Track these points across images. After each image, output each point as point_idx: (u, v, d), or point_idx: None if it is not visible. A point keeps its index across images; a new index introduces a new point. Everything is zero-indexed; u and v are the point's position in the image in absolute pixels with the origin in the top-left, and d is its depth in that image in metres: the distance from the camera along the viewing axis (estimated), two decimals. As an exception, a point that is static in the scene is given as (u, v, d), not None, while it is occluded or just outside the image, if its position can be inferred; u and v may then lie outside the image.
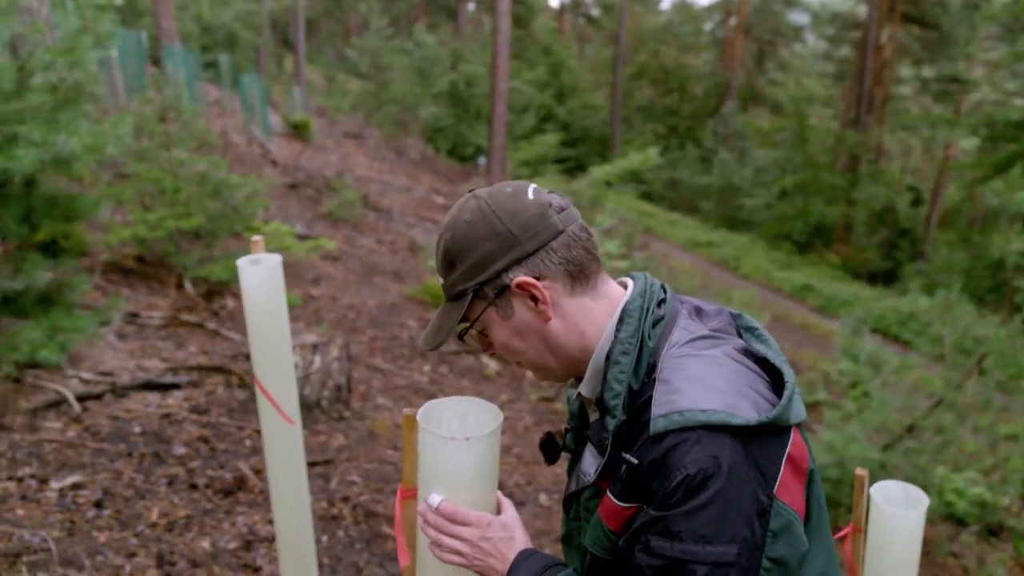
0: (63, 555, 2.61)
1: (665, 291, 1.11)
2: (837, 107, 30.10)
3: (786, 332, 14.93)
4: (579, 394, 1.12)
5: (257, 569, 2.89)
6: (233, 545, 2.99)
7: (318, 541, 3.21)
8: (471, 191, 1.09)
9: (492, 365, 6.93)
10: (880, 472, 5.60)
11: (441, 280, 1.10)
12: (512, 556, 1.09)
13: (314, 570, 2.26)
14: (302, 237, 8.49)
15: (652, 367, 1.01)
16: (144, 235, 6.16)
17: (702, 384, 0.95)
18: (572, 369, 1.11)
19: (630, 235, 11.42)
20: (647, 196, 26.80)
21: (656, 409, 0.94)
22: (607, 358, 1.03)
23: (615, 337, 1.04)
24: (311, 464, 3.83)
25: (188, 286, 6.37)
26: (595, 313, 1.07)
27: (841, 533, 1.66)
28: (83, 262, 6.00)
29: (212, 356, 4.85)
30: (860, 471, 1.60)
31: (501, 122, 17.67)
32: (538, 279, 1.03)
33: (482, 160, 20.83)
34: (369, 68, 23.77)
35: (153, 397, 4.05)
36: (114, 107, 9.56)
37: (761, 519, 0.90)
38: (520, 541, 1.11)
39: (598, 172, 18.63)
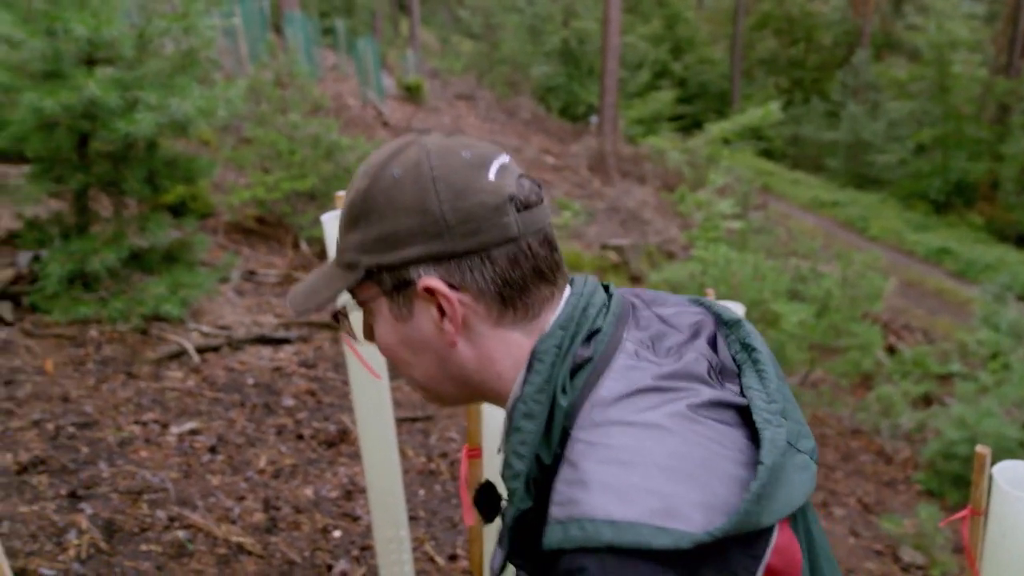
0: (179, 495, 2.78)
1: (609, 309, 0.78)
2: (986, 52, 27.43)
3: (919, 298, 13.96)
4: None
5: (356, 518, 2.98)
6: (334, 494, 3.10)
7: (415, 495, 3.27)
8: (419, 133, 0.83)
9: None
10: (1019, 451, 5.15)
11: (336, 236, 0.82)
12: None
13: (404, 522, 2.30)
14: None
15: (566, 435, 0.70)
16: (263, 196, 6.43)
17: (624, 474, 0.62)
18: (482, 399, 0.84)
19: (745, 194, 10.94)
20: (767, 154, 25.58)
21: (555, 510, 0.64)
22: (509, 415, 0.75)
23: (520, 392, 0.74)
24: (411, 420, 3.91)
25: (303, 245, 6.62)
26: (522, 352, 0.76)
27: (958, 515, 1.50)
28: (208, 223, 6.34)
29: (321, 313, 5.02)
30: (981, 448, 1.43)
31: (613, 79, 17.25)
32: (454, 289, 0.75)
33: (594, 119, 20.46)
34: (481, 28, 23.74)
35: (266, 351, 4.24)
36: (239, 74, 9.99)
37: None
38: None
39: (715, 129, 17.92)
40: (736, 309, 2.46)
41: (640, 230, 11.09)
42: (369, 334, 0.86)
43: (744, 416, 0.71)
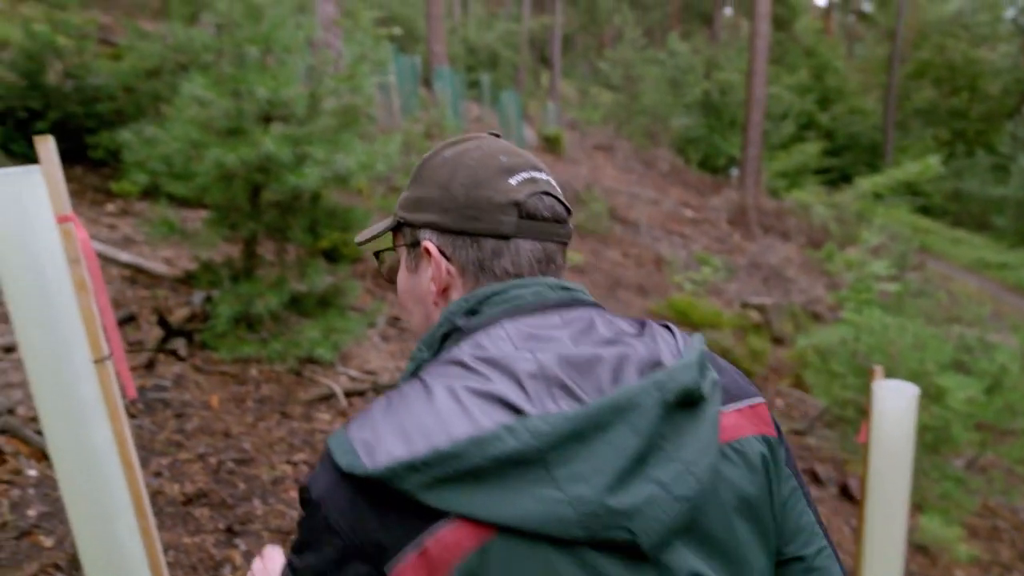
0: (323, 539, 2.86)
1: (516, 303, 0.83)
2: None
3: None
4: None
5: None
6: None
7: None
8: (493, 133, 0.97)
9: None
10: None
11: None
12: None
13: None
14: (549, 248, 8.70)
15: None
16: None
17: (377, 411, 0.73)
18: None
19: (902, 254, 10.24)
20: (925, 210, 23.95)
21: None
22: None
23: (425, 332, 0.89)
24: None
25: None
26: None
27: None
28: (357, 268, 6.66)
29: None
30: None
31: (757, 131, 16.82)
32: (446, 259, 0.88)
33: (734, 171, 20.00)
34: (621, 80, 23.94)
35: (407, 397, 4.34)
36: (392, 126, 10.56)
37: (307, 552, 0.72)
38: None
39: (866, 184, 17.02)
40: (907, 391, 2.25)
41: (783, 288, 10.61)
42: (392, 277, 1.01)
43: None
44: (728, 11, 34.39)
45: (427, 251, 0.88)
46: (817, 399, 6.25)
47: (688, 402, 0.74)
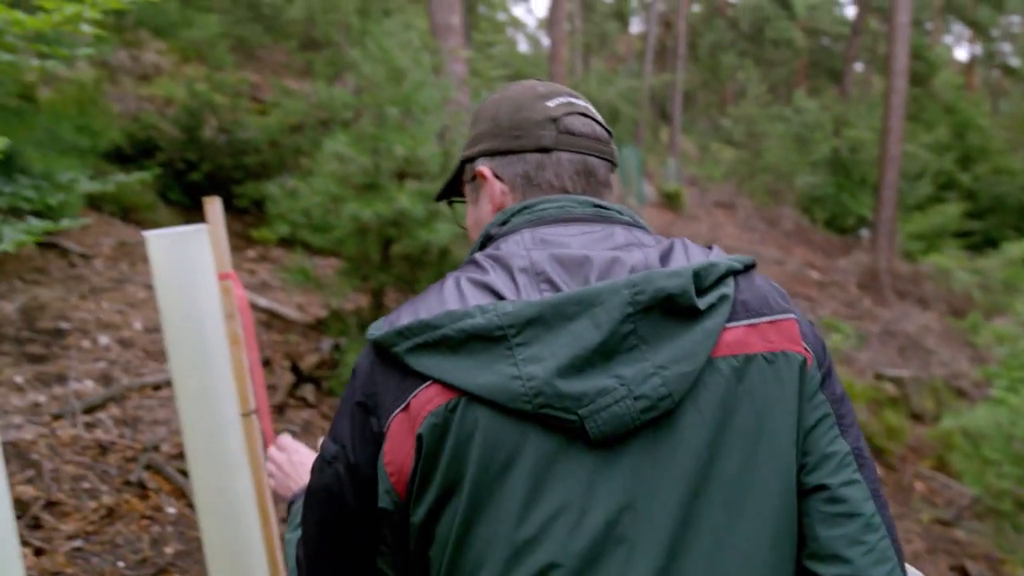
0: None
1: (525, 211, 0.92)
2: None
3: None
4: None
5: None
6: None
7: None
8: (536, 78, 1.06)
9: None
10: None
11: None
12: (302, 480, 1.20)
13: None
14: (668, 307, 8.50)
15: None
16: (527, 298, 6.70)
17: (409, 299, 0.86)
18: None
19: (1062, 328, 9.31)
20: (1083, 278, 21.88)
21: None
22: None
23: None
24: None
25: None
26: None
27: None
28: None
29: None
30: None
31: (891, 191, 16.00)
32: (499, 180, 0.97)
33: (864, 232, 19.06)
34: (743, 136, 23.52)
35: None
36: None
37: (345, 442, 0.81)
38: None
39: (1015, 249, 15.73)
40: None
41: (921, 360, 9.87)
42: (462, 223, 1.09)
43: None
44: (859, 67, 33.29)
45: (482, 175, 0.97)
46: (966, 487, 5.70)
47: (677, 310, 0.76)
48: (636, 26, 40.11)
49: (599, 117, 0.99)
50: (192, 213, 7.17)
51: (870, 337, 10.54)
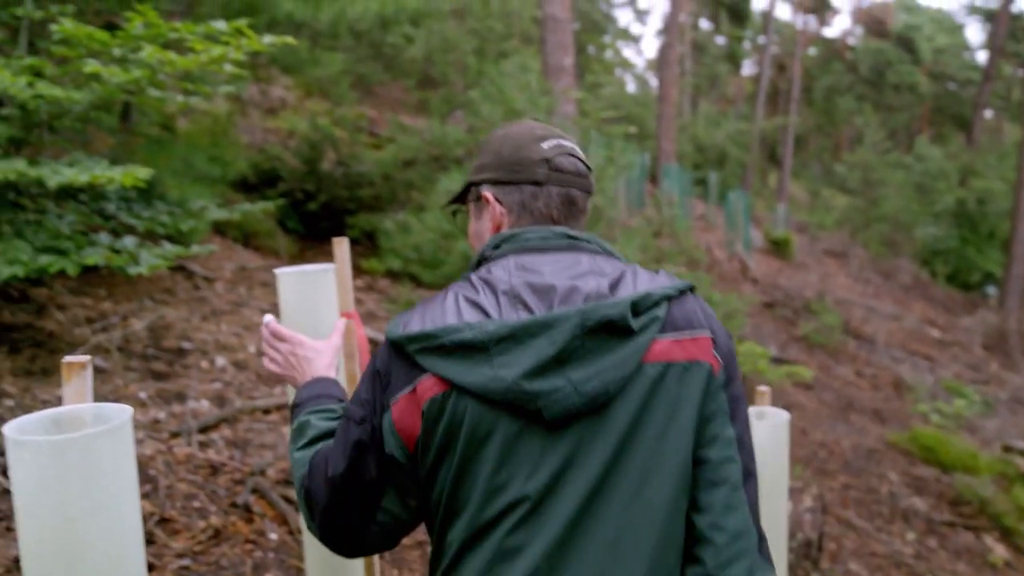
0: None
1: (521, 244, 1.16)
2: None
3: None
4: None
5: None
6: None
7: None
8: (533, 118, 1.38)
9: (999, 550, 5.56)
10: None
11: None
12: (310, 374, 1.37)
13: None
14: (776, 360, 8.15)
15: None
16: (628, 342, 6.57)
17: (419, 306, 1.12)
18: None
19: None
20: None
21: None
22: None
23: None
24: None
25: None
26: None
27: None
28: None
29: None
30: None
31: (1023, 246, 14.92)
32: (500, 204, 1.21)
33: (991, 289, 17.83)
34: (859, 183, 22.55)
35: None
36: (616, 222, 10.67)
37: (368, 408, 1.10)
38: (323, 365, 1.39)
39: None
40: None
41: (1057, 432, 9.02)
42: (465, 228, 1.33)
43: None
44: (989, 114, 31.46)
45: (486, 198, 1.22)
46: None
47: (616, 330, 1.03)
48: (748, 68, 39.49)
49: (582, 156, 1.25)
50: (307, 241, 7.46)
51: (997, 404, 9.76)
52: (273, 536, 2.94)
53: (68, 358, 0.94)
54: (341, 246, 1.76)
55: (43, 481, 0.84)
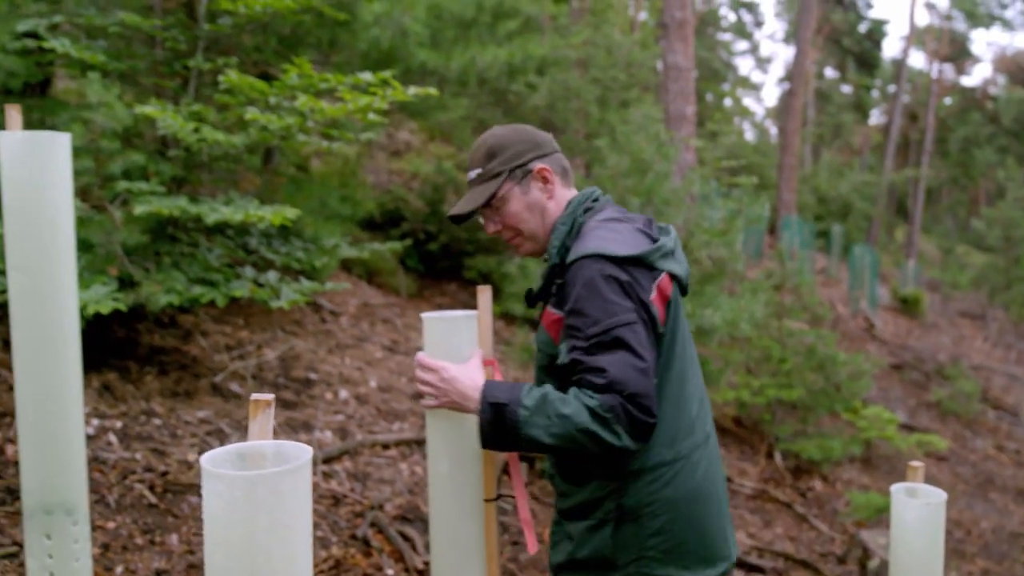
0: None
1: (599, 198, 1.71)
2: None
3: None
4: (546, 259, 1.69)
5: None
6: None
7: None
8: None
9: None
10: None
11: (478, 170, 1.66)
12: (470, 385, 1.56)
13: None
14: (905, 427, 7.64)
15: (579, 233, 1.62)
16: (745, 399, 6.34)
17: (598, 238, 1.54)
18: (546, 236, 1.69)
19: None
20: None
21: (572, 253, 1.56)
22: (552, 227, 1.67)
23: (560, 216, 1.66)
24: None
25: (777, 457, 6.26)
26: (566, 199, 1.69)
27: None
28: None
29: (799, 546, 4.56)
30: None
31: None
32: (548, 170, 1.66)
33: None
34: (999, 240, 21.01)
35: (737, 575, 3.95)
36: (732, 274, 10.39)
37: (637, 303, 1.50)
38: (477, 378, 1.59)
39: None
40: None
41: None
42: (491, 221, 1.71)
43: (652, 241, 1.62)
44: None
45: (541, 171, 1.65)
46: None
47: (675, 251, 1.64)
48: (875, 117, 37.98)
49: None
50: (426, 280, 7.67)
51: None
52: (390, 572, 2.99)
53: (255, 396, 1.00)
54: (484, 294, 1.79)
55: (233, 511, 0.90)
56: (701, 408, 1.65)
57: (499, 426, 1.49)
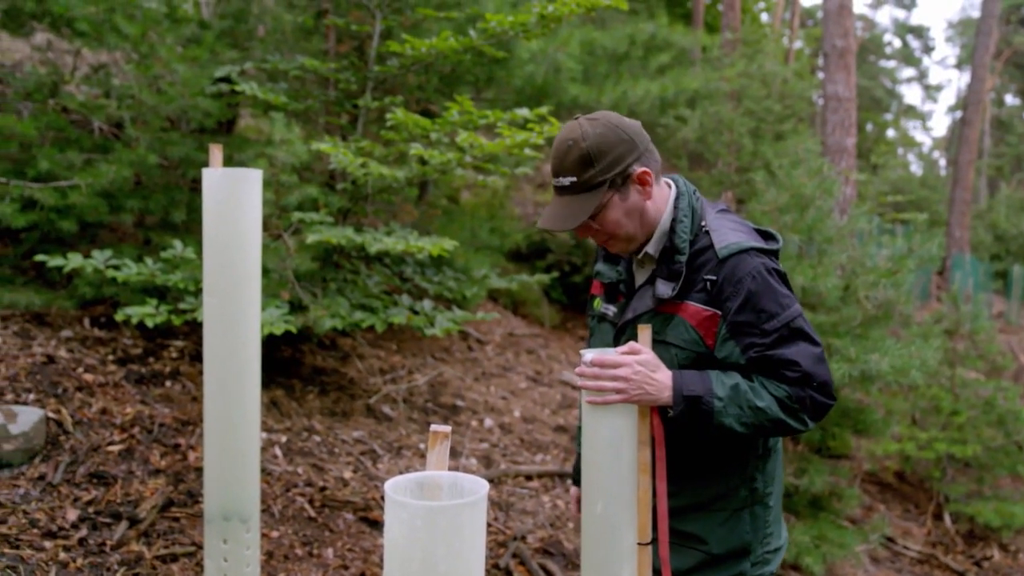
0: None
1: (700, 197, 1.75)
2: None
3: None
4: (641, 256, 1.71)
5: None
6: None
7: None
8: (575, 117, 1.63)
9: None
10: None
11: (572, 179, 1.58)
12: (663, 378, 1.57)
13: None
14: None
15: (700, 226, 1.66)
16: (910, 453, 5.83)
17: (736, 231, 1.64)
18: (646, 237, 1.69)
19: None
20: None
21: (718, 245, 1.60)
22: (672, 221, 1.66)
23: (675, 209, 1.67)
24: None
25: (947, 519, 5.70)
26: (663, 196, 1.69)
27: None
28: (841, 463, 6.04)
29: None
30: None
31: None
32: (647, 171, 1.62)
33: None
34: None
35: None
36: (899, 317, 9.67)
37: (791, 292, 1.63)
38: (664, 368, 1.59)
39: None
40: None
41: None
42: (586, 230, 1.64)
43: None
44: None
45: (641, 175, 1.60)
46: None
47: None
48: (1064, 149, 34.33)
49: None
50: (568, 312, 7.70)
51: None
52: (531, 606, 2.97)
53: (434, 427, 1.03)
54: (645, 332, 1.77)
55: (414, 539, 0.93)
56: None
57: (691, 416, 1.56)
